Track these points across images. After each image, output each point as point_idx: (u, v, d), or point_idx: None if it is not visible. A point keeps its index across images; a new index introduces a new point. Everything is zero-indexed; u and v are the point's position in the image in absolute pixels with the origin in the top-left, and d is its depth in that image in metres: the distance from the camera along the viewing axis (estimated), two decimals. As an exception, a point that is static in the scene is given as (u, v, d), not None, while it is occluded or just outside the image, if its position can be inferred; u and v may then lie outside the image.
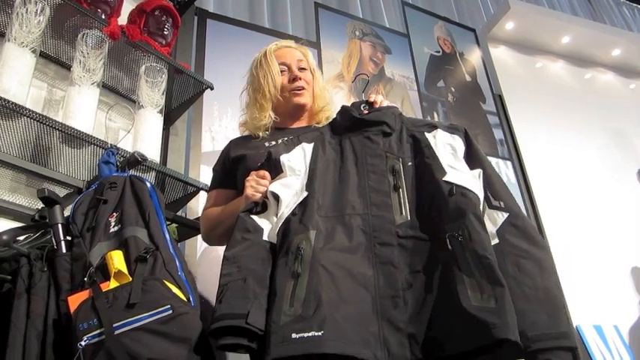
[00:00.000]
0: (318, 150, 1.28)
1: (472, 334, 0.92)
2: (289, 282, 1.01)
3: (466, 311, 0.93)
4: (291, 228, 1.10)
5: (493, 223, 1.12)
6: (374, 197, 1.17)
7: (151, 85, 1.71)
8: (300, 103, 1.54)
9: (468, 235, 1.02)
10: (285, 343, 0.92)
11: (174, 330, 0.96)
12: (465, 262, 0.99)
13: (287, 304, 0.98)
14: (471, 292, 0.95)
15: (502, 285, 0.95)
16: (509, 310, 0.92)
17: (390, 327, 0.99)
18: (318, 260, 1.03)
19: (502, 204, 1.15)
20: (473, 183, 1.14)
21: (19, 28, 1.44)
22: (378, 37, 3.21)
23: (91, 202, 1.22)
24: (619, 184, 3.47)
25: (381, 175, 1.21)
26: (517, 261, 1.06)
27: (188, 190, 1.73)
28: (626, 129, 3.86)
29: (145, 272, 1.04)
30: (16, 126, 1.38)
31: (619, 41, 4.09)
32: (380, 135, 1.29)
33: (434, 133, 1.27)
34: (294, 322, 0.95)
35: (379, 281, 1.04)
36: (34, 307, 1.04)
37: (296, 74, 1.54)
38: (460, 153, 1.24)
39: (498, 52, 3.76)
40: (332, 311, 0.96)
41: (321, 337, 0.92)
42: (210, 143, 2.19)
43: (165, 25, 1.85)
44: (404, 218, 1.13)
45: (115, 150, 1.39)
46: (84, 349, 0.92)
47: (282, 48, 1.60)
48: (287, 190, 1.19)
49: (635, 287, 3.06)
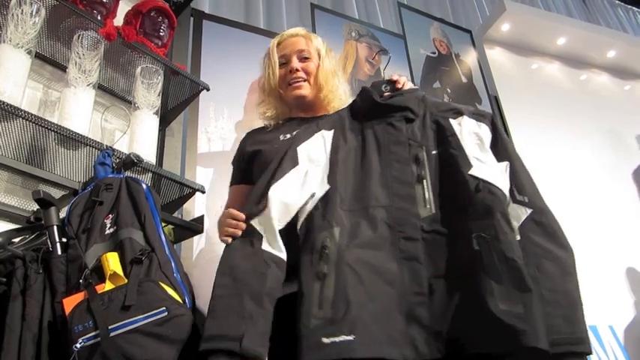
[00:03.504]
0: (338, 139, 1.23)
1: (499, 338, 0.91)
2: (316, 283, 0.99)
3: (493, 314, 0.91)
4: (315, 224, 1.07)
5: (516, 218, 1.09)
6: (397, 188, 1.13)
7: (146, 86, 1.71)
8: (299, 95, 1.50)
9: (495, 236, 1.00)
10: (318, 349, 0.92)
11: (169, 332, 0.96)
12: (492, 264, 0.97)
13: (316, 306, 0.96)
14: (497, 295, 0.94)
15: (530, 290, 0.93)
16: (537, 316, 0.91)
17: (416, 324, 0.98)
18: (344, 259, 1.01)
19: (526, 199, 1.11)
20: (499, 178, 1.10)
21: (14, 29, 1.44)
22: (374, 38, 3.21)
23: (86, 204, 1.22)
24: (614, 184, 3.48)
25: (405, 164, 1.16)
26: (538, 261, 1.04)
27: (184, 191, 1.72)
28: (621, 130, 3.87)
29: (141, 274, 1.04)
30: (11, 127, 1.37)
31: (614, 42, 4.11)
32: (403, 121, 1.24)
33: (459, 120, 1.22)
34: (325, 326, 0.94)
35: (404, 277, 1.02)
36: (30, 309, 1.04)
37: (292, 66, 1.50)
38: (487, 143, 1.19)
39: (494, 53, 3.77)
40: (360, 312, 0.95)
41: (352, 341, 0.91)
42: (206, 144, 2.19)
43: (161, 26, 1.85)
44: (428, 211, 1.10)
45: (111, 151, 1.39)
46: (79, 352, 0.92)
47: (286, 39, 1.56)
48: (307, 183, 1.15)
49: (631, 287, 3.07)
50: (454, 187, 1.11)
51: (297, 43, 1.54)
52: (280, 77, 1.52)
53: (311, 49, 1.54)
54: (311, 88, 1.51)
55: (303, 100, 1.51)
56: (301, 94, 1.50)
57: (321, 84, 1.50)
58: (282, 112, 1.54)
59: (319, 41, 1.58)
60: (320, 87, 1.50)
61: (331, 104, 1.50)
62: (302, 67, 1.51)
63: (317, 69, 1.51)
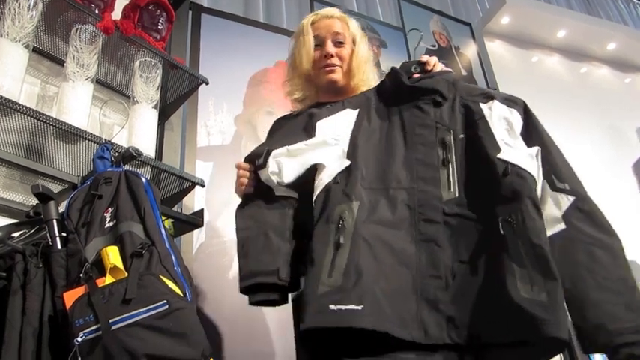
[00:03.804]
0: (362, 119, 1.20)
1: (519, 327, 0.88)
2: (329, 251, 0.97)
3: (514, 302, 0.89)
4: (333, 197, 1.05)
5: (558, 207, 1.07)
6: (421, 171, 1.10)
7: (145, 80, 1.70)
8: (332, 80, 1.45)
9: (521, 221, 0.97)
10: (322, 314, 0.90)
11: (170, 325, 0.96)
12: (517, 250, 0.94)
13: (326, 273, 0.95)
14: (520, 282, 0.91)
15: (555, 278, 0.90)
16: (560, 306, 0.88)
17: (429, 307, 0.95)
18: (360, 233, 0.99)
19: (567, 186, 1.08)
20: (529, 163, 1.07)
21: (11, 23, 1.43)
22: (374, 31, 3.20)
23: (86, 198, 1.22)
24: (614, 178, 3.48)
25: (430, 148, 1.13)
26: (589, 249, 1.01)
27: (184, 185, 1.72)
28: (622, 123, 3.87)
29: (141, 267, 1.04)
30: (9, 122, 1.37)
31: (614, 35, 4.10)
32: (431, 104, 1.20)
33: (489, 104, 1.18)
34: (333, 293, 0.92)
35: (421, 259, 1.00)
36: (30, 303, 1.03)
37: (327, 51, 1.44)
38: (517, 129, 1.15)
39: (494, 46, 3.76)
40: (372, 285, 0.93)
41: (360, 310, 0.89)
42: (205, 138, 2.19)
43: (159, 20, 1.84)
44: (452, 195, 1.07)
45: (110, 145, 1.38)
46: (80, 345, 0.92)
47: (322, 19, 1.50)
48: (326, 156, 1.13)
49: (630, 280, 3.07)
50: (481, 171, 1.08)
51: (333, 25, 1.49)
52: (315, 59, 1.47)
53: (346, 34, 1.49)
54: (343, 74, 1.46)
55: (335, 85, 1.46)
56: (334, 78, 1.45)
57: (354, 71, 1.46)
58: (310, 96, 1.51)
59: (355, 26, 1.52)
60: (352, 74, 1.46)
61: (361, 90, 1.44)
62: (336, 53, 1.45)
63: (351, 55, 1.47)
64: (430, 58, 1.30)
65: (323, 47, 1.46)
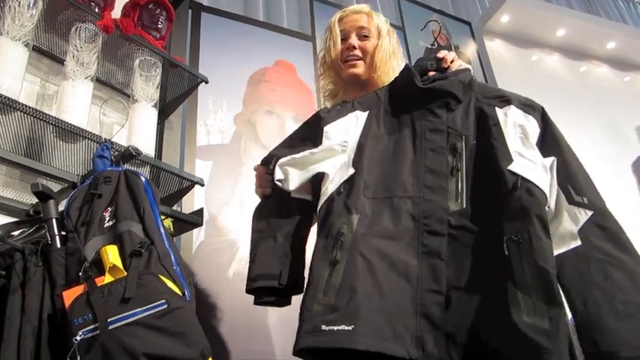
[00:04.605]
0: (371, 121, 1.17)
1: (519, 353, 0.85)
2: (326, 269, 0.96)
3: (516, 327, 0.85)
4: (334, 208, 1.04)
5: (574, 221, 1.01)
6: (429, 179, 1.06)
7: (145, 78, 1.70)
8: (353, 73, 1.44)
9: (528, 240, 0.92)
10: (315, 334, 0.90)
11: (169, 324, 0.96)
12: (521, 272, 0.90)
13: (321, 292, 0.94)
14: (523, 305, 0.87)
15: (559, 305, 0.86)
16: (562, 334, 0.84)
17: (427, 323, 0.92)
18: (358, 247, 0.97)
19: (585, 200, 1.02)
20: (541, 176, 1.02)
21: (11, 21, 1.42)
22: (374, 30, 3.20)
23: (85, 197, 1.22)
24: (614, 176, 3.48)
25: (440, 154, 1.08)
26: (605, 269, 0.95)
27: (183, 184, 1.72)
28: (621, 121, 3.87)
29: (140, 266, 1.04)
30: (9, 121, 1.37)
31: (614, 34, 4.09)
32: (443, 108, 1.14)
33: (505, 110, 1.13)
34: (326, 313, 0.91)
35: (422, 273, 0.96)
36: (29, 302, 1.03)
37: (350, 43, 1.45)
38: (532, 138, 1.09)
39: (494, 45, 3.76)
40: (366, 303, 0.91)
41: (350, 331, 0.87)
42: (205, 137, 2.19)
43: (159, 19, 1.84)
44: (459, 205, 1.02)
45: (110, 144, 1.38)
46: (79, 344, 0.92)
47: (349, 15, 1.51)
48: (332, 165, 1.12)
49: (630, 279, 3.08)
50: (490, 182, 1.03)
51: (359, 19, 1.49)
52: (339, 52, 1.48)
53: (372, 27, 1.48)
54: (366, 67, 1.45)
55: (357, 78, 1.46)
56: (355, 72, 1.45)
57: (377, 64, 1.43)
58: (340, 90, 1.53)
59: (381, 20, 1.52)
60: (375, 67, 1.44)
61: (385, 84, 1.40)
62: (359, 45, 1.45)
63: (375, 48, 1.45)
64: (448, 54, 1.25)
65: (347, 40, 1.47)
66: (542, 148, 1.09)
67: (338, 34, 1.47)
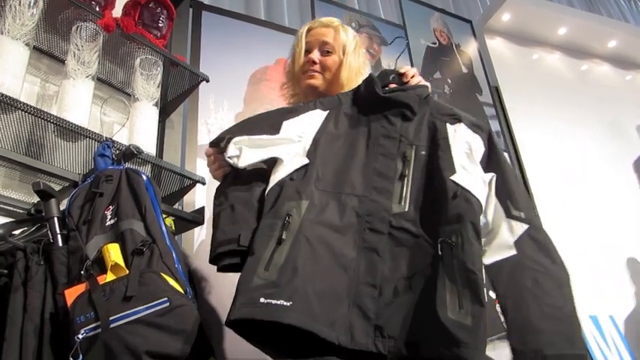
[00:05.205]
0: (329, 121, 1.24)
1: (440, 346, 0.91)
2: (270, 246, 1.00)
3: (440, 321, 0.92)
4: (285, 192, 1.08)
5: (511, 233, 1.10)
6: (376, 181, 1.13)
7: (146, 77, 1.70)
8: (310, 84, 1.48)
9: (460, 244, 0.99)
10: (251, 305, 0.92)
11: (171, 322, 0.96)
12: (451, 272, 0.97)
13: (262, 267, 0.97)
14: (450, 303, 0.94)
15: (482, 304, 0.93)
16: (482, 332, 0.91)
17: (359, 313, 0.98)
18: (304, 232, 1.02)
19: (523, 215, 1.12)
20: (479, 188, 1.10)
21: (12, 21, 1.42)
22: (375, 28, 3.20)
23: (86, 196, 1.22)
24: (615, 174, 3.48)
25: (390, 160, 1.16)
26: (536, 276, 1.04)
27: (184, 183, 1.72)
28: (623, 120, 3.86)
29: (142, 265, 1.04)
30: (10, 120, 1.37)
31: (615, 32, 4.09)
32: (399, 117, 1.23)
33: (455, 127, 1.22)
34: (266, 287, 0.94)
35: (360, 266, 1.02)
36: (31, 300, 1.04)
37: (311, 57, 1.47)
38: (477, 154, 1.19)
39: (495, 43, 3.75)
40: (306, 284, 0.95)
41: (288, 307, 0.91)
42: (206, 136, 2.18)
43: (159, 17, 1.84)
44: (401, 208, 1.10)
45: (111, 143, 1.39)
46: (81, 342, 0.92)
47: (317, 27, 1.53)
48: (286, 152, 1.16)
49: (631, 278, 3.08)
50: (434, 190, 1.11)
51: (325, 34, 1.51)
52: (301, 64, 1.51)
53: (336, 44, 1.49)
54: (324, 81, 1.48)
55: (314, 90, 1.48)
56: (312, 83, 1.48)
57: (343, 82, 1.45)
58: (301, 98, 1.55)
59: (349, 36, 1.52)
60: (341, 85, 1.45)
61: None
62: (320, 60, 1.48)
63: (339, 65, 1.47)
64: (409, 70, 1.33)
65: (310, 53, 1.50)
66: (487, 166, 1.19)
67: (303, 46, 1.51)
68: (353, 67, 1.48)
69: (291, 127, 1.21)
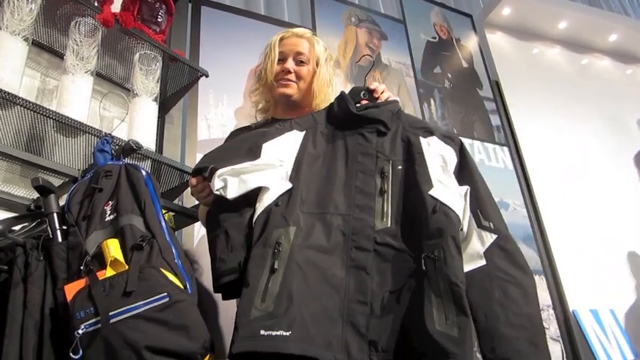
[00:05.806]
0: (307, 141, 1.26)
1: (431, 357, 0.95)
2: (264, 276, 1.02)
3: (429, 333, 0.95)
4: (272, 219, 1.10)
5: (481, 243, 1.13)
6: (358, 199, 1.16)
7: (145, 72, 1.69)
8: (284, 93, 1.51)
9: (443, 258, 1.03)
10: (253, 339, 0.95)
11: (171, 317, 0.96)
12: (436, 285, 1.00)
13: (259, 298, 0.99)
14: (436, 315, 0.97)
15: (467, 315, 0.97)
16: (468, 342, 0.95)
17: (353, 331, 1.00)
18: (295, 258, 1.04)
19: (492, 225, 1.15)
20: (457, 202, 1.14)
21: (10, 16, 1.42)
22: (374, 23, 3.19)
23: (86, 191, 1.22)
24: (616, 169, 3.48)
25: (369, 176, 1.19)
26: (503, 286, 1.08)
27: (184, 178, 1.72)
28: (623, 114, 3.86)
29: (142, 260, 1.04)
30: (9, 115, 1.36)
31: (616, 26, 4.08)
32: (374, 133, 1.26)
33: (429, 140, 1.25)
34: (265, 319, 0.96)
35: (349, 285, 1.05)
36: (31, 296, 1.04)
37: (286, 67, 1.51)
38: (450, 167, 1.22)
39: (495, 38, 3.75)
40: (302, 311, 0.98)
41: (288, 337, 0.94)
42: (206, 131, 2.18)
43: (158, 12, 1.83)
44: (384, 224, 1.12)
45: (110, 138, 1.38)
46: (81, 338, 0.92)
47: (290, 37, 1.57)
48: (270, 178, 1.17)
49: (631, 271, 3.08)
50: (413, 205, 1.14)
51: (299, 44, 1.55)
52: (275, 72, 1.53)
53: (310, 55, 1.54)
54: (298, 90, 1.52)
55: (288, 98, 1.53)
56: (286, 92, 1.52)
57: (315, 92, 1.51)
58: (271, 107, 1.59)
59: (321, 48, 1.57)
60: (314, 95, 1.51)
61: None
62: (295, 70, 1.52)
63: (312, 76, 1.52)
64: (379, 86, 1.36)
65: (284, 62, 1.53)
66: (459, 176, 1.21)
67: (276, 55, 1.53)
68: (325, 78, 1.54)
69: (271, 149, 1.22)
